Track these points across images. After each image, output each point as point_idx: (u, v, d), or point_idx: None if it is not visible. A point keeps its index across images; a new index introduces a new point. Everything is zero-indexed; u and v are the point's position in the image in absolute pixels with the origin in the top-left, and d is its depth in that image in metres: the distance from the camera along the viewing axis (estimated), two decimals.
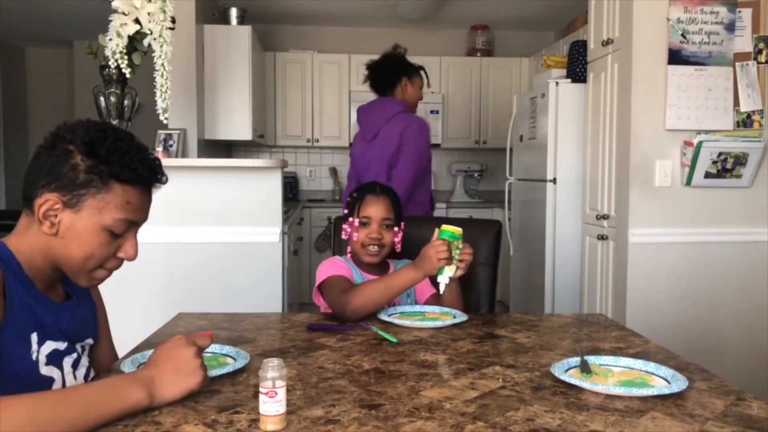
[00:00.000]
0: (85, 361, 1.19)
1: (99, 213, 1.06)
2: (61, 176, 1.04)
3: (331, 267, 1.74)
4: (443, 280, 1.65)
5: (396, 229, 1.81)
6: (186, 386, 1.02)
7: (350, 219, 1.80)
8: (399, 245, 1.82)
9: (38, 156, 1.07)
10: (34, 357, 1.07)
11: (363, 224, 1.78)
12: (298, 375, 1.17)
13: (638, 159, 2.85)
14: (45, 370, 1.09)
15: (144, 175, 1.10)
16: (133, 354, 1.29)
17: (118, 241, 1.11)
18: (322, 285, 1.71)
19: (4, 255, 1.07)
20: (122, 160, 1.06)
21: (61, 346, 1.12)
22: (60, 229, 1.06)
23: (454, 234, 1.63)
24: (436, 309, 1.71)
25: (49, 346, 1.10)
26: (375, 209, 1.78)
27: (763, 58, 2.82)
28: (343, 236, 1.83)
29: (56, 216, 1.06)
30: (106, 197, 1.06)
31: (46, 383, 1.09)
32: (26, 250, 1.08)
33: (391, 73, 3.03)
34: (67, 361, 1.14)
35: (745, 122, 2.82)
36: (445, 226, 1.65)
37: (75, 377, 1.16)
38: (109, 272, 1.15)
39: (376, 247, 1.77)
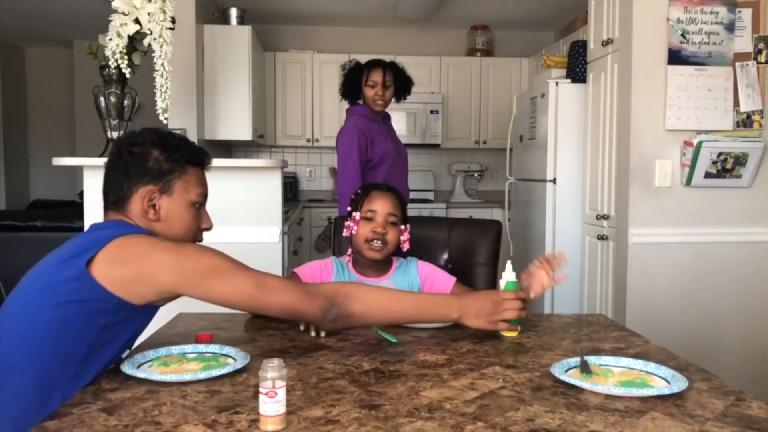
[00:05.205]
0: None
1: (186, 192, 1.31)
2: (149, 171, 1.27)
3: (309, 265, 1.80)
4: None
5: (402, 227, 1.79)
6: (481, 324, 1.39)
7: (353, 214, 1.77)
8: (407, 243, 1.80)
9: (115, 164, 1.29)
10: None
11: (367, 219, 1.75)
12: (298, 375, 1.18)
13: (638, 159, 2.85)
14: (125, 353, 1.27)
15: (204, 158, 1.36)
16: (133, 354, 1.29)
17: (199, 215, 1.35)
18: None
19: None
20: (188, 147, 1.33)
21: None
22: (161, 214, 1.28)
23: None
24: None
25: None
26: (380, 204, 1.76)
27: (763, 58, 2.82)
28: (345, 233, 1.79)
29: (156, 204, 1.28)
30: (187, 178, 1.31)
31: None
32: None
33: (354, 83, 3.02)
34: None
35: (745, 122, 2.82)
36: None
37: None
38: None
39: (379, 242, 1.73)
